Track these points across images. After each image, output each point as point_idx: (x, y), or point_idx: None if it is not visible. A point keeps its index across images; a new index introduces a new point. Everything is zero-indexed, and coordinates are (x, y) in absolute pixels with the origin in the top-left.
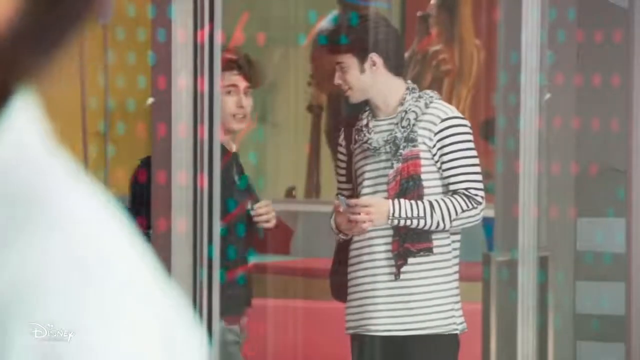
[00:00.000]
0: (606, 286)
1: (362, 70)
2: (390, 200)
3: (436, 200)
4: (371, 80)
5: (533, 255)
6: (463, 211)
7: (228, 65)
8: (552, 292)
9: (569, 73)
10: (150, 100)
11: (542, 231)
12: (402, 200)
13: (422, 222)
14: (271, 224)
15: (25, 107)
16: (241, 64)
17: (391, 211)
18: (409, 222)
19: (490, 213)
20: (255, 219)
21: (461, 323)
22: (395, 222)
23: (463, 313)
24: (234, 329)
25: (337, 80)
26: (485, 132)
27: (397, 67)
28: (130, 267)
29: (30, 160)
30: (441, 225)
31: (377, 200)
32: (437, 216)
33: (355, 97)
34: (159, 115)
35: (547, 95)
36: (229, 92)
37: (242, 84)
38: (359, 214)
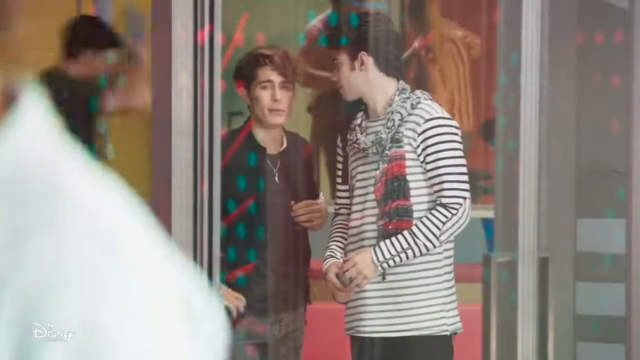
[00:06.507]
0: (606, 287)
1: (352, 69)
2: (370, 249)
3: (415, 225)
4: (360, 79)
5: (533, 256)
6: (445, 223)
7: (262, 62)
8: (552, 293)
9: (569, 73)
10: (150, 101)
11: (542, 232)
12: (381, 242)
13: (409, 252)
14: (313, 224)
15: (34, 105)
16: (275, 59)
17: (374, 258)
18: (397, 259)
19: (490, 214)
20: (295, 219)
21: (453, 324)
22: (385, 265)
23: (459, 314)
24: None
25: (333, 77)
26: (485, 132)
27: (389, 68)
28: (145, 251)
29: (43, 158)
30: (430, 246)
31: (360, 253)
32: (422, 240)
33: (348, 94)
34: (159, 115)
35: (545, 92)
36: (264, 87)
37: (277, 78)
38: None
